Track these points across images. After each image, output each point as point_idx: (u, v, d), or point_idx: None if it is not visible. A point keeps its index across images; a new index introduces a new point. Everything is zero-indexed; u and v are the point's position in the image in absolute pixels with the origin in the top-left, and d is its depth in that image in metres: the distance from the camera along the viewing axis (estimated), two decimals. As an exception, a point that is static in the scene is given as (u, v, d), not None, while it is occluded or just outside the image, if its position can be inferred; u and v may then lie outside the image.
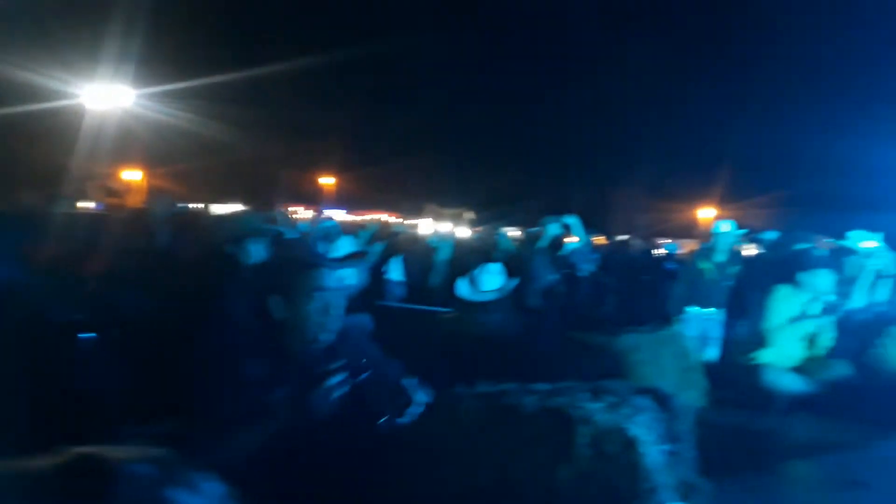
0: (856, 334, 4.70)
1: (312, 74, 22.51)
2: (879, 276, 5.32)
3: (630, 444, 2.07)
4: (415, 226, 13.96)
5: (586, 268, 10.26)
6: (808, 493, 3.02)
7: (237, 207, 12.56)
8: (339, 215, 16.68)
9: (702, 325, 6.06)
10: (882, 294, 5.35)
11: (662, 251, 14.75)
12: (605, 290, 10.53)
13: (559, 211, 6.57)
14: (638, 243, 16.65)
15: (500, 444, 2.29)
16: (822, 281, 4.64)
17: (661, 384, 4.07)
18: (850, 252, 5.78)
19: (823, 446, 3.46)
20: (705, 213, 23.26)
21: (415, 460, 2.47)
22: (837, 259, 5.70)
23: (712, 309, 6.12)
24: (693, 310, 6.19)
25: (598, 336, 4.44)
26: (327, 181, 28.45)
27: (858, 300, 5.07)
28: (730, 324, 5.88)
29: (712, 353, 5.79)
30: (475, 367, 2.98)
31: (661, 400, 2.38)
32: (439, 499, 2.37)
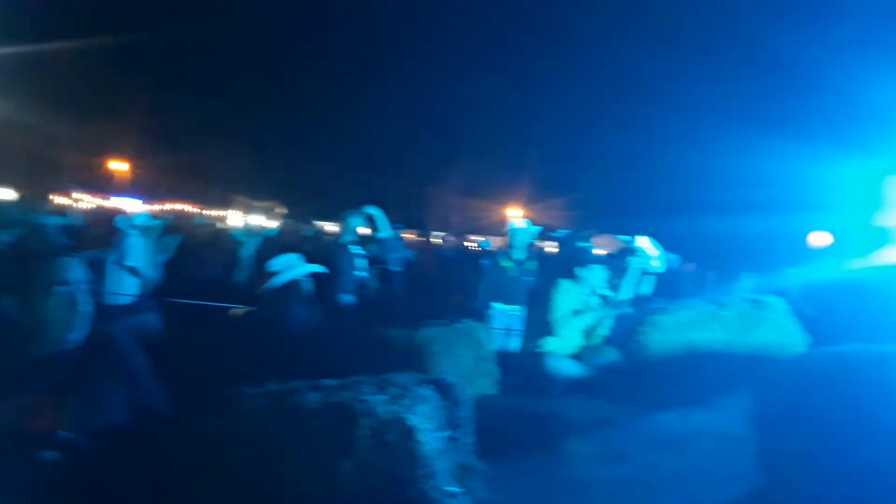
0: (623, 324, 5.32)
1: (104, 50, 20.32)
2: (644, 272, 6.06)
3: (409, 433, 2.16)
4: (221, 218, 13.28)
5: (398, 262, 10.47)
6: (576, 468, 3.36)
7: (9, 194, 11.04)
8: (132, 205, 15.28)
9: (506, 319, 6.32)
10: (646, 288, 6.10)
11: (476, 247, 15.42)
12: (417, 285, 10.83)
13: (370, 205, 6.41)
14: (452, 240, 17.29)
15: (284, 441, 2.28)
16: (595, 276, 5.19)
17: (456, 374, 4.29)
18: (627, 251, 6.49)
19: (593, 425, 3.87)
20: (515, 212, 24.75)
21: (196, 461, 2.37)
22: (618, 257, 6.38)
23: (515, 305, 6.34)
24: (498, 305, 6.42)
25: (398, 330, 4.56)
26: (119, 167, 25.37)
27: (626, 293, 5.73)
28: (528, 317, 6.24)
29: (514, 345, 6.07)
30: (271, 364, 2.92)
31: (443, 389, 2.51)
32: (222, 498, 2.30)
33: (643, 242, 6.27)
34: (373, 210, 6.25)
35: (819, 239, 9.75)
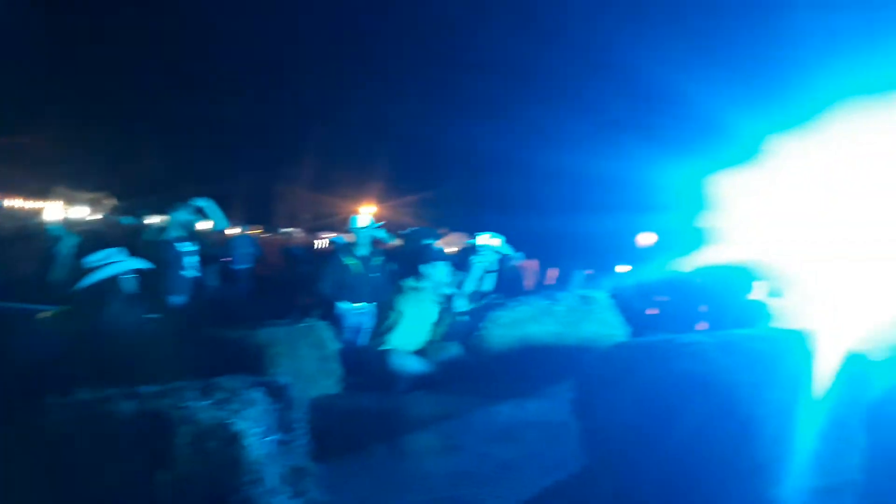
0: (465, 320, 5.50)
1: None
2: (487, 270, 6.30)
3: (233, 439, 2.07)
4: (36, 210, 11.92)
5: (240, 259, 10.03)
6: (414, 462, 3.41)
7: None
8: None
9: (351, 317, 6.22)
10: (488, 285, 6.34)
11: (327, 244, 15.15)
12: (262, 283, 10.44)
13: (202, 197, 5.79)
14: (301, 236, 16.90)
15: (93, 454, 2.10)
16: (439, 273, 5.30)
17: (298, 375, 4.19)
18: (471, 248, 6.70)
19: (432, 419, 3.95)
20: (367, 209, 24.59)
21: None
22: (463, 254, 6.56)
23: (360, 303, 6.30)
24: (343, 303, 6.29)
25: (235, 331, 4.37)
26: None
27: (469, 290, 5.91)
28: (376, 314, 6.18)
29: (359, 343, 5.99)
30: (83, 371, 2.68)
31: (276, 391, 2.44)
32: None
33: (487, 240, 6.49)
34: (203, 202, 5.60)
35: (646, 238, 10.64)
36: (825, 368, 2.94)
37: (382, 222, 6.65)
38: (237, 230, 11.46)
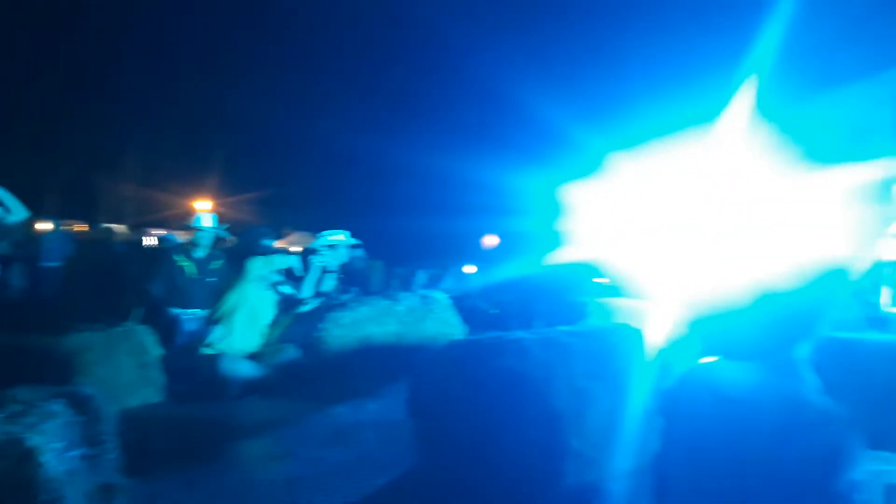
0: (303, 321, 5.37)
1: None
2: (327, 270, 6.19)
3: (27, 456, 1.88)
4: None
5: (53, 256, 9.02)
6: (243, 471, 3.27)
7: None
8: None
9: (179, 322, 5.79)
10: (328, 286, 6.24)
11: (157, 242, 14.10)
12: (76, 283, 9.45)
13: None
14: (126, 233, 15.64)
15: None
16: (276, 273, 5.13)
17: (114, 384, 3.88)
18: (310, 248, 6.55)
19: (263, 426, 3.82)
20: (203, 206, 23.13)
21: None
22: (302, 254, 6.38)
23: (195, 307, 5.77)
24: (172, 307, 5.85)
25: (40, 336, 3.95)
26: None
27: (307, 291, 5.78)
28: (204, 318, 5.79)
29: (186, 349, 5.60)
30: None
31: (79, 402, 2.24)
32: None
33: (329, 239, 6.39)
34: None
35: (490, 240, 11.07)
36: (637, 361, 3.23)
37: (226, 224, 6.34)
38: (49, 225, 10.38)
